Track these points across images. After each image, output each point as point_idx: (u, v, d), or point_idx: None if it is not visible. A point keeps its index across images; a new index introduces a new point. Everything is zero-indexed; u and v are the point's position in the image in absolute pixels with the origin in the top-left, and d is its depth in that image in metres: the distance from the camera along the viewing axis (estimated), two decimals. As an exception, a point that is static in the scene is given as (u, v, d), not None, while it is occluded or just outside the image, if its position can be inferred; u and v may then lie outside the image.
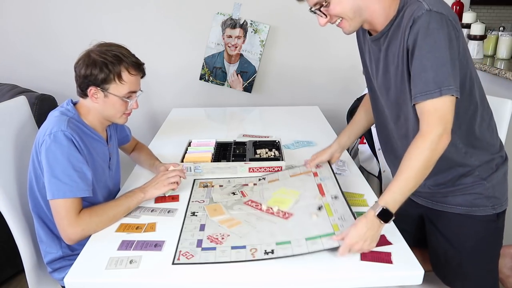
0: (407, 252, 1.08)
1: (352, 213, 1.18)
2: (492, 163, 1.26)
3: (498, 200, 1.27)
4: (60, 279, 1.37)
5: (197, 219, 1.26)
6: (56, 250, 1.35)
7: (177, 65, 2.83)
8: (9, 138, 1.45)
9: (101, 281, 1.03)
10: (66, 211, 1.19)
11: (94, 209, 1.24)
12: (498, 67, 1.95)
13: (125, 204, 1.28)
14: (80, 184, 1.22)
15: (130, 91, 1.32)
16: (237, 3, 2.65)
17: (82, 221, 1.20)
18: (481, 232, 1.28)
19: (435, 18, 1.03)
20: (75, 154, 1.23)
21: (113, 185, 1.49)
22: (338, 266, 1.04)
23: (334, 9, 1.13)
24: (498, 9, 5.05)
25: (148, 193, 1.34)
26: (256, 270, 1.04)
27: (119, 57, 1.27)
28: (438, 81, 1.03)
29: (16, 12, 2.71)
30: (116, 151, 1.52)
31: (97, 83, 1.27)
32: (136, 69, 1.32)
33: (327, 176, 1.43)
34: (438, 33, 1.03)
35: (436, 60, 1.03)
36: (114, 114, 1.34)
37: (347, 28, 1.17)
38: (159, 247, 1.12)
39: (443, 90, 1.03)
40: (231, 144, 1.78)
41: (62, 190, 1.19)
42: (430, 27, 1.03)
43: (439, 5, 1.06)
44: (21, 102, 1.58)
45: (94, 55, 1.26)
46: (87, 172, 1.25)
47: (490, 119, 1.28)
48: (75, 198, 1.21)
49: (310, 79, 2.86)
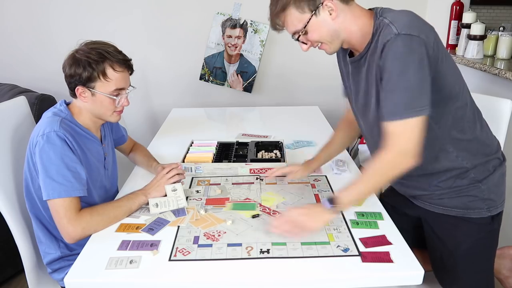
0: (407, 252, 1.08)
1: (347, 226, 1.19)
2: (488, 165, 1.26)
3: (493, 202, 1.26)
4: (59, 279, 1.37)
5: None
6: (54, 251, 1.35)
7: (177, 65, 2.83)
8: (8, 139, 1.45)
9: (101, 281, 1.03)
10: (65, 210, 1.19)
11: (95, 208, 1.24)
12: (498, 67, 1.95)
13: (127, 205, 1.28)
14: (75, 184, 1.21)
15: (116, 88, 1.29)
16: (237, 3, 2.65)
17: (82, 219, 1.19)
18: (476, 235, 1.28)
19: (403, 41, 1.04)
20: (69, 153, 1.23)
21: (110, 184, 1.49)
22: (338, 266, 1.04)
23: (312, 36, 1.16)
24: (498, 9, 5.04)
25: (150, 195, 1.33)
26: (255, 269, 1.04)
27: (103, 54, 1.25)
28: (405, 103, 1.06)
29: (16, 12, 2.71)
30: (112, 150, 1.52)
31: (83, 82, 1.26)
32: (122, 66, 1.29)
33: (325, 189, 1.44)
34: (406, 56, 1.05)
35: (404, 83, 1.05)
36: (104, 112, 1.33)
37: (328, 50, 1.21)
38: (155, 247, 1.12)
39: (410, 112, 1.06)
40: (233, 145, 1.78)
41: (57, 190, 1.19)
42: (398, 51, 1.05)
43: (409, 26, 1.06)
44: (20, 102, 1.58)
45: (78, 55, 1.26)
46: (81, 171, 1.25)
47: (481, 120, 1.28)
48: (73, 197, 1.21)
49: (310, 79, 2.86)
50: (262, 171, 1.56)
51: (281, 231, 1.13)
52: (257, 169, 1.57)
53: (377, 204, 1.32)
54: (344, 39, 1.18)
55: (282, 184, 1.48)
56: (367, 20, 1.15)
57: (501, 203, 1.29)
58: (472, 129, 1.24)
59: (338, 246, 1.11)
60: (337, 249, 1.09)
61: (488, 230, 1.28)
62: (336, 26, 1.15)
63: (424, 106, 1.06)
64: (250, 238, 1.15)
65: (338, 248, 1.10)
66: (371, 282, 1.03)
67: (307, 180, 1.51)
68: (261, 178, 1.53)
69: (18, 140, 1.49)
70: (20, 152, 1.47)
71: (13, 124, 1.49)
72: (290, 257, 1.07)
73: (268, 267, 1.04)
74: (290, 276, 1.02)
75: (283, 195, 1.39)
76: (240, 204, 1.35)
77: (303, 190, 1.43)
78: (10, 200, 1.37)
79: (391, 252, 1.08)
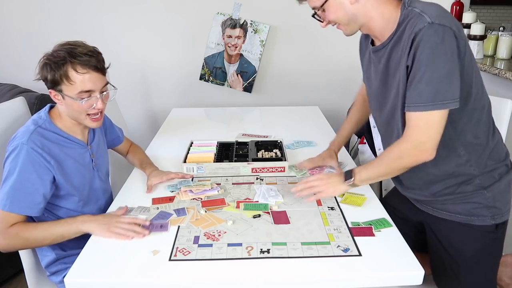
0: (407, 252, 1.09)
1: (347, 227, 1.19)
2: (494, 172, 1.23)
3: (498, 210, 1.23)
4: (57, 282, 1.37)
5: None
6: (50, 252, 1.35)
7: (177, 65, 2.83)
8: (7, 139, 1.44)
9: (101, 281, 1.03)
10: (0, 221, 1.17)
11: (26, 226, 1.20)
12: (498, 67, 1.95)
13: (59, 231, 1.20)
14: (22, 202, 1.18)
15: (82, 90, 1.22)
16: (237, 3, 2.65)
17: (8, 234, 1.17)
18: (480, 243, 1.25)
19: (437, 31, 1.03)
20: (30, 169, 1.19)
21: (103, 184, 1.47)
22: (338, 266, 1.04)
23: (328, 16, 1.19)
24: (498, 9, 5.05)
25: (89, 225, 1.20)
26: (255, 269, 1.04)
27: (65, 57, 1.20)
28: (433, 95, 1.05)
29: (16, 12, 2.71)
30: (103, 151, 1.50)
31: (51, 86, 1.23)
32: (85, 67, 1.21)
33: None
34: (438, 47, 1.03)
35: (434, 74, 1.04)
36: (77, 116, 1.28)
37: (344, 31, 1.23)
38: (165, 228, 1.20)
39: (436, 105, 1.06)
40: (233, 144, 1.78)
41: (2, 201, 1.17)
42: (431, 40, 1.03)
43: (441, 16, 1.05)
44: (19, 103, 1.57)
45: (47, 57, 1.23)
46: (39, 190, 1.20)
47: (494, 126, 1.27)
48: (9, 212, 1.18)
49: (310, 79, 2.86)
50: (263, 170, 1.56)
51: (303, 194, 1.29)
52: (258, 169, 1.57)
53: (379, 207, 1.32)
54: (363, 23, 1.19)
55: (282, 184, 1.48)
56: (393, 8, 1.14)
57: (506, 211, 1.25)
58: (486, 135, 1.21)
59: (338, 246, 1.11)
60: (337, 249, 1.09)
61: (492, 238, 1.25)
62: (354, 10, 1.16)
63: (452, 99, 1.05)
64: (250, 238, 1.15)
65: (338, 248, 1.10)
66: (371, 282, 1.02)
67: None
68: (261, 178, 1.53)
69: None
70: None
71: (11, 124, 1.49)
72: (290, 257, 1.07)
73: (268, 267, 1.04)
74: (290, 276, 1.02)
75: (283, 195, 1.39)
76: (251, 204, 1.34)
77: None
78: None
79: (392, 252, 1.08)
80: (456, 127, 1.17)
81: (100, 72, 1.25)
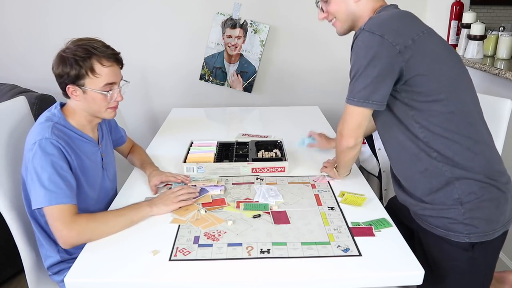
0: (407, 252, 1.09)
1: (347, 227, 1.19)
2: (475, 186, 1.14)
3: (475, 229, 1.14)
4: (59, 281, 1.37)
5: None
6: (54, 254, 1.34)
7: (177, 65, 2.83)
8: (8, 139, 1.45)
9: (101, 281, 1.03)
10: (60, 214, 1.15)
11: (94, 215, 1.21)
12: (498, 67, 1.95)
13: (128, 216, 1.23)
14: (66, 191, 1.18)
15: (107, 83, 1.26)
16: (237, 3, 2.65)
17: (77, 224, 1.15)
18: (456, 259, 1.20)
19: (363, 37, 1.12)
20: (60, 162, 1.20)
21: (111, 185, 1.48)
22: (338, 266, 1.04)
23: (331, 7, 1.26)
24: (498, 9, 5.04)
25: (156, 208, 1.27)
26: (255, 269, 1.04)
27: (89, 50, 1.23)
28: (351, 91, 1.17)
29: (16, 12, 2.71)
30: (110, 150, 1.51)
31: (72, 81, 1.24)
32: (109, 60, 1.26)
33: (325, 189, 1.44)
34: (360, 50, 1.13)
35: (354, 74, 1.15)
36: (98, 109, 1.30)
37: (338, 29, 1.30)
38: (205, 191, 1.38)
39: (350, 100, 1.17)
40: (233, 145, 1.78)
41: (48, 197, 1.15)
42: (357, 44, 1.14)
43: (378, 24, 1.12)
44: (20, 102, 1.57)
45: (65, 53, 1.24)
46: (71, 180, 1.22)
47: (479, 135, 1.17)
48: (66, 203, 1.17)
49: (310, 79, 2.86)
50: (263, 170, 1.56)
51: None
52: (258, 169, 1.57)
53: (379, 207, 1.32)
54: (355, 25, 1.26)
55: (282, 184, 1.48)
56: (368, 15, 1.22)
57: (487, 233, 1.15)
58: (461, 140, 1.14)
59: (338, 246, 1.11)
60: (337, 249, 1.09)
61: (469, 257, 1.18)
62: (355, 9, 1.23)
63: (365, 99, 1.14)
64: (251, 238, 1.15)
65: (339, 248, 1.10)
66: (371, 282, 1.03)
67: (307, 180, 1.51)
68: (261, 178, 1.53)
69: (18, 140, 1.48)
70: (20, 152, 1.46)
71: (12, 124, 1.49)
72: (290, 257, 1.07)
73: (268, 267, 1.04)
74: (290, 276, 1.02)
75: (283, 195, 1.39)
76: (251, 204, 1.34)
77: (303, 190, 1.43)
78: (9, 200, 1.37)
79: (392, 252, 1.08)
80: (422, 127, 1.14)
81: (120, 65, 1.32)
